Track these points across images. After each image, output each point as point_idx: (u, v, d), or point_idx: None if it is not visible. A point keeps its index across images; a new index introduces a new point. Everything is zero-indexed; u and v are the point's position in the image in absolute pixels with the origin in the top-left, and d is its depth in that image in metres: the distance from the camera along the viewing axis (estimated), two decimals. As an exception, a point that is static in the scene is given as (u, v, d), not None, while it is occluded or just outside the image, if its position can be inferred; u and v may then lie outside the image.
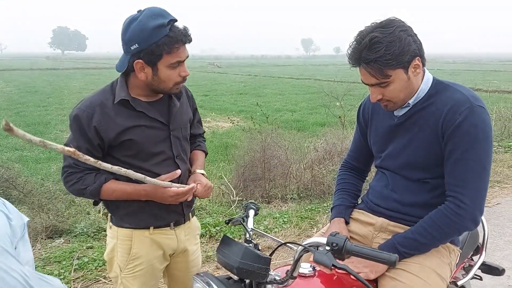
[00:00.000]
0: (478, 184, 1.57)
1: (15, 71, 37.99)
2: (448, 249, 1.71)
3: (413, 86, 1.62)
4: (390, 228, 1.75)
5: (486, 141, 1.56)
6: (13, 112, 14.00)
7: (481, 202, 1.59)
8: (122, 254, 1.87)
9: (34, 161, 7.99)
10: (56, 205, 4.42)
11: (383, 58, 1.51)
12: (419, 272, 1.60)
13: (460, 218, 1.57)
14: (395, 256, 1.24)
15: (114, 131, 1.72)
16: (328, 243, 1.29)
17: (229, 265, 1.39)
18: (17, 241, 2.01)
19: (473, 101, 1.57)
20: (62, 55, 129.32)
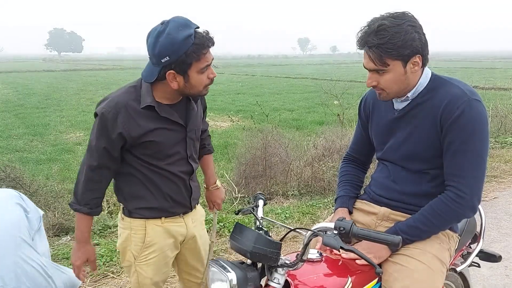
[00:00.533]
0: (476, 173, 1.65)
1: (12, 73, 37.91)
2: (447, 235, 1.79)
3: (408, 81, 1.69)
4: (392, 217, 1.84)
5: (483, 133, 1.64)
6: (12, 114, 14.02)
7: (479, 191, 1.68)
8: (136, 243, 1.97)
9: (35, 162, 8.03)
10: (62, 203, 4.49)
11: (385, 46, 1.58)
12: (421, 257, 1.69)
13: (459, 206, 1.66)
14: (399, 237, 1.33)
15: (137, 132, 1.81)
16: (336, 227, 1.38)
17: (242, 250, 1.47)
18: (34, 233, 2.12)
19: (470, 95, 1.65)
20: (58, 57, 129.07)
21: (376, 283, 1.72)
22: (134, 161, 1.90)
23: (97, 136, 1.82)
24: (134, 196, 1.95)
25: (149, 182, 1.93)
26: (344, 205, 1.96)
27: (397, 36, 1.57)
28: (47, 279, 1.99)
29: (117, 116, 1.79)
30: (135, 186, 1.94)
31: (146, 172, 1.91)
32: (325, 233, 1.43)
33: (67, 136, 10.64)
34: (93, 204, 1.90)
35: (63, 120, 12.83)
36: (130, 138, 1.82)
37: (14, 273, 1.89)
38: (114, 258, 3.61)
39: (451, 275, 2.30)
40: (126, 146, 1.86)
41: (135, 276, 2.02)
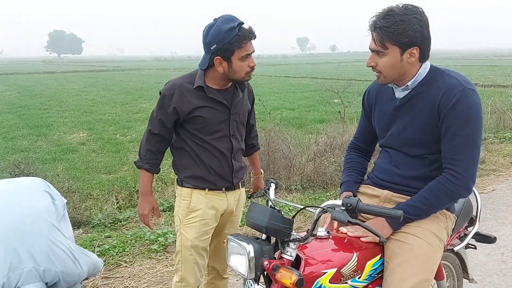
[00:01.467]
0: (471, 156, 1.80)
1: (13, 75, 38.02)
2: (445, 215, 1.94)
3: (404, 70, 1.83)
4: (394, 199, 1.98)
5: (477, 119, 1.78)
6: (15, 115, 14.15)
7: (473, 172, 1.82)
8: (183, 208, 2.33)
9: (40, 162, 8.14)
10: (73, 198, 4.64)
11: (387, 29, 1.73)
12: (420, 234, 1.83)
13: (455, 186, 1.80)
14: (400, 211, 1.48)
15: (188, 107, 2.19)
16: (344, 203, 1.53)
17: (258, 226, 1.62)
18: (60, 219, 2.25)
19: (465, 84, 1.79)
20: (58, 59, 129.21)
21: (380, 259, 1.87)
22: (185, 136, 2.28)
23: (157, 109, 2.25)
24: (184, 167, 2.32)
25: (196, 155, 2.28)
26: (349, 189, 2.10)
27: (400, 24, 1.71)
28: (74, 261, 2.11)
29: (173, 95, 2.19)
30: (185, 159, 2.31)
31: (194, 146, 2.27)
32: (333, 209, 1.58)
33: (71, 136, 10.77)
34: (153, 163, 2.31)
35: (66, 121, 12.97)
36: (182, 112, 2.19)
37: (46, 255, 2.00)
38: (126, 249, 3.76)
39: (449, 256, 2.45)
40: (179, 121, 2.24)
41: (179, 238, 2.34)
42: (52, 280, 2.01)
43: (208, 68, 2.19)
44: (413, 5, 1.77)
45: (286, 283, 1.52)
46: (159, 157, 2.35)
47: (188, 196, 2.32)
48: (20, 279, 1.91)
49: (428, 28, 1.79)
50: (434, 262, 1.85)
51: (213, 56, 2.12)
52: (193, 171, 2.31)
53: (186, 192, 2.33)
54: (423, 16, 1.77)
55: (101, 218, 4.51)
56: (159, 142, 2.30)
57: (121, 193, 5.48)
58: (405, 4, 1.77)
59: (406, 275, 1.76)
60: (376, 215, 1.56)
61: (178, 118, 2.23)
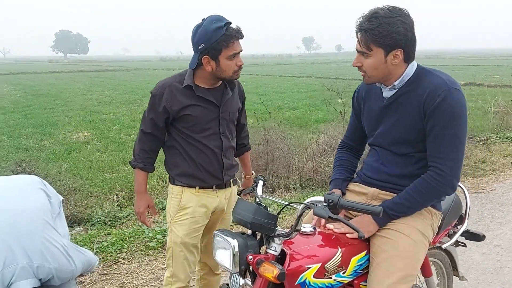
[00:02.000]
0: (455, 155, 1.82)
1: (19, 75, 38.32)
2: (430, 212, 1.97)
3: (389, 71, 1.86)
4: (381, 196, 2.01)
5: (461, 118, 1.81)
6: (21, 114, 14.28)
7: (458, 171, 1.85)
8: (173, 206, 2.38)
9: (45, 161, 8.22)
10: (74, 196, 4.70)
11: (371, 32, 1.76)
12: (405, 231, 1.86)
13: (439, 184, 1.83)
14: (380, 208, 1.51)
15: (177, 106, 2.25)
16: (325, 200, 1.57)
17: (243, 221, 1.66)
18: (55, 216, 2.30)
19: (450, 84, 1.82)
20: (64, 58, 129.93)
21: (365, 255, 1.90)
22: (176, 134, 2.33)
23: (148, 109, 2.31)
24: (175, 165, 2.37)
25: (186, 154, 2.32)
26: (337, 187, 2.13)
27: (384, 26, 1.75)
28: (68, 258, 2.15)
29: (163, 94, 2.25)
30: (176, 157, 2.36)
31: (184, 144, 2.32)
32: (315, 205, 1.62)
33: (75, 135, 10.85)
34: (146, 162, 2.36)
35: (71, 120, 13.06)
36: (172, 111, 2.25)
37: (40, 252, 2.06)
38: (125, 246, 3.82)
39: (438, 253, 2.48)
40: (170, 119, 2.29)
41: (170, 235, 2.39)
42: (46, 276, 2.06)
43: (197, 67, 2.25)
44: (398, 8, 1.80)
45: (269, 276, 1.56)
46: (152, 156, 2.40)
47: (179, 194, 2.37)
48: (14, 275, 1.96)
49: (413, 30, 1.82)
50: (418, 258, 1.89)
51: (201, 55, 2.17)
52: (183, 169, 2.35)
53: (177, 190, 2.38)
54: (407, 18, 1.79)
55: (101, 216, 4.57)
56: (152, 141, 2.35)
57: (122, 192, 5.54)
58: (391, 6, 1.80)
59: (390, 270, 1.79)
60: (357, 211, 1.59)
61: (168, 117, 2.28)
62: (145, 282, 3.33)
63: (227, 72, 2.22)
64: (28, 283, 1.99)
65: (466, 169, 6.32)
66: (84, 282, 3.30)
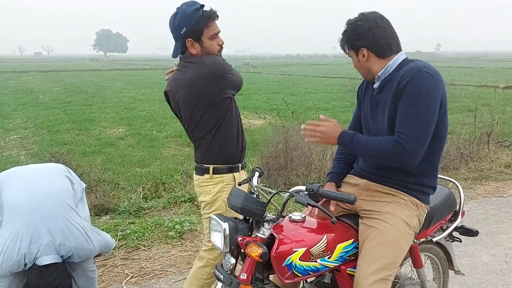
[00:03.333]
0: (418, 133, 1.88)
1: (61, 72, 39.90)
2: (416, 204, 2.08)
3: (367, 67, 2.05)
4: (372, 187, 2.15)
5: (427, 98, 1.88)
6: (61, 110, 14.95)
7: (420, 147, 1.90)
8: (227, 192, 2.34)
9: (80, 155, 8.63)
10: (103, 187, 5.02)
11: (344, 37, 2.07)
12: (391, 221, 2.00)
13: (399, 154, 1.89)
14: (353, 196, 1.67)
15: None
16: (306, 189, 1.75)
17: (235, 207, 1.86)
18: (77, 201, 2.58)
19: (423, 68, 1.91)
20: (104, 57, 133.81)
21: (352, 243, 2.06)
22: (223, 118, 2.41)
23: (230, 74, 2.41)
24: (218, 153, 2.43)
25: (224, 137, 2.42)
26: (333, 180, 2.29)
27: (349, 31, 2.02)
28: (87, 239, 2.41)
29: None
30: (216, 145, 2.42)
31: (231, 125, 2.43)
32: (298, 193, 1.80)
33: (111, 131, 11.31)
34: None
35: (107, 117, 13.57)
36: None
37: (62, 231, 2.32)
38: (146, 234, 4.08)
39: (433, 248, 2.59)
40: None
41: None
42: (67, 253, 2.32)
43: (183, 54, 2.38)
44: (367, 12, 2.01)
45: (253, 255, 1.76)
46: None
47: (232, 180, 2.47)
48: (39, 251, 2.23)
49: (380, 29, 1.97)
50: (402, 246, 2.02)
51: (185, 39, 2.31)
52: (228, 154, 2.45)
53: (229, 177, 2.46)
54: (377, 21, 1.98)
55: (126, 206, 4.87)
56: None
57: (148, 184, 5.84)
58: (361, 13, 2.02)
59: (375, 257, 1.94)
60: (333, 199, 1.76)
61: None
62: (162, 268, 3.58)
63: (212, 52, 2.35)
64: (51, 258, 2.26)
65: (489, 173, 6.28)
66: (107, 265, 3.59)
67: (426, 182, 2.08)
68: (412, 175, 2.05)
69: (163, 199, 5.25)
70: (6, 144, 9.58)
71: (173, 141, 9.68)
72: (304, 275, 1.92)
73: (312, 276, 1.98)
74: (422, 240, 2.43)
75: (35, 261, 2.24)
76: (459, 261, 3.56)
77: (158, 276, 3.47)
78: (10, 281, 2.29)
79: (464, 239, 2.73)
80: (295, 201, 1.76)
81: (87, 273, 2.49)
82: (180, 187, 5.68)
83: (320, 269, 1.96)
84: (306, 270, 1.91)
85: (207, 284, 2.53)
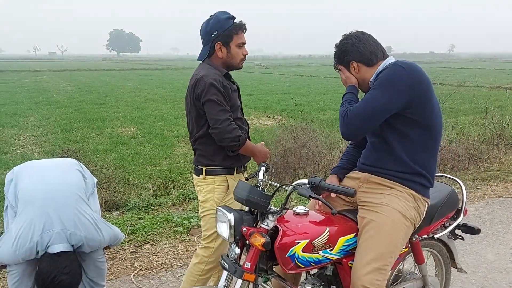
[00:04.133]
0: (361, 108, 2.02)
1: (75, 72, 40.39)
2: (413, 196, 2.13)
3: (361, 78, 2.21)
4: (371, 180, 2.21)
5: (388, 86, 1.99)
6: (74, 109, 15.16)
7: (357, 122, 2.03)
8: (219, 193, 2.62)
9: (92, 152, 8.77)
10: (113, 183, 5.13)
11: (335, 56, 2.28)
12: (387, 213, 2.05)
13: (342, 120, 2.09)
14: (353, 189, 1.73)
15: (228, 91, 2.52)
16: (309, 182, 1.81)
17: (240, 199, 1.93)
18: (89, 194, 2.66)
19: (398, 62, 2.06)
20: (117, 57, 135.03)
21: (354, 236, 2.11)
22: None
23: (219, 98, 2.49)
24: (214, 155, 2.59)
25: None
26: (335, 173, 2.38)
27: (339, 51, 2.23)
28: (97, 230, 2.49)
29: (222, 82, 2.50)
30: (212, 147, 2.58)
31: None
32: (300, 186, 1.86)
33: (122, 130, 11.45)
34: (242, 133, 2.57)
35: (119, 116, 13.73)
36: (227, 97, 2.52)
37: (73, 221, 2.41)
38: (154, 229, 4.18)
39: (436, 245, 2.63)
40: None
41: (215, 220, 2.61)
42: (77, 243, 2.40)
43: (208, 57, 2.57)
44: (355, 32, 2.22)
45: (256, 244, 1.82)
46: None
47: (224, 181, 2.63)
48: (51, 239, 2.32)
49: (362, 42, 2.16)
50: (398, 237, 2.07)
51: (214, 43, 2.51)
52: (221, 158, 2.60)
53: (220, 178, 2.62)
54: (356, 37, 2.17)
55: (136, 202, 4.97)
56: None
57: (158, 182, 5.94)
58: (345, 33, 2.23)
59: (371, 247, 2.00)
60: (334, 192, 1.83)
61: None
62: (170, 262, 3.66)
63: (236, 59, 2.57)
64: (62, 247, 2.34)
65: (497, 174, 6.27)
66: (116, 259, 3.68)
67: (422, 173, 2.14)
68: (407, 165, 2.11)
69: (172, 196, 5.34)
70: (21, 142, 9.77)
71: (183, 140, 9.78)
72: (307, 266, 1.98)
73: (314, 267, 2.03)
74: (424, 236, 2.48)
75: (47, 249, 2.32)
76: (463, 259, 3.60)
77: (166, 269, 3.55)
78: (24, 268, 2.38)
79: (470, 238, 2.77)
80: (297, 194, 1.82)
81: (97, 264, 2.58)
82: (189, 184, 5.77)
83: (322, 261, 2.01)
84: (308, 262, 1.97)
85: (201, 280, 2.67)
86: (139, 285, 3.32)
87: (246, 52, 2.60)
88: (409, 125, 2.06)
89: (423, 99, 2.03)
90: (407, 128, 2.07)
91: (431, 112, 2.07)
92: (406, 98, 1.99)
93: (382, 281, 1.99)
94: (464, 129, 8.74)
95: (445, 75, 23.49)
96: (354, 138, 2.14)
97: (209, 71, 2.52)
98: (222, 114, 2.47)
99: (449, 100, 8.39)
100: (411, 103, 2.00)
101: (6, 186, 2.51)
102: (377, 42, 2.22)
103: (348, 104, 2.13)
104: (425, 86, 2.03)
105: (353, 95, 2.19)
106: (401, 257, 2.36)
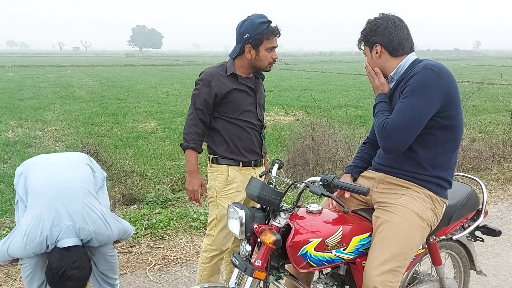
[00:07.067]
0: (402, 121, 1.93)
1: (97, 67, 40.99)
2: (431, 197, 2.07)
3: (380, 64, 2.11)
4: (387, 180, 2.16)
5: (422, 91, 1.91)
6: (96, 103, 15.37)
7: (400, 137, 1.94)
8: (220, 182, 2.69)
9: (113, 147, 8.87)
10: (131, 177, 5.17)
11: (362, 34, 2.16)
12: (402, 213, 2.00)
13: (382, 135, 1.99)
14: (367, 187, 1.69)
15: (224, 90, 2.59)
16: (321, 179, 1.78)
17: (252, 196, 1.90)
18: (98, 189, 2.67)
19: (427, 65, 1.96)
20: (140, 53, 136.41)
21: (369, 236, 2.07)
22: (219, 118, 2.64)
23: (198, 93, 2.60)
24: (219, 145, 2.67)
25: (229, 134, 2.64)
26: (348, 171, 2.33)
27: (369, 28, 2.11)
28: (106, 224, 2.49)
29: (211, 80, 2.58)
30: (219, 138, 2.66)
31: (228, 126, 2.63)
32: (313, 184, 1.82)
33: (143, 125, 11.55)
34: (198, 143, 2.63)
35: (140, 111, 13.86)
36: (220, 94, 2.57)
37: (82, 216, 2.41)
38: (171, 224, 4.20)
39: (454, 246, 2.56)
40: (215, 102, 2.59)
41: (215, 208, 2.71)
42: (86, 237, 2.41)
43: (238, 56, 2.61)
44: (387, 14, 2.11)
45: (267, 242, 1.79)
46: (202, 139, 2.68)
47: (225, 171, 2.68)
48: (60, 233, 2.33)
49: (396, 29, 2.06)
50: (413, 238, 2.01)
51: (244, 44, 2.54)
52: (228, 148, 2.66)
53: (223, 168, 2.68)
54: (394, 21, 2.06)
55: (153, 197, 5.00)
56: (202, 123, 2.63)
57: (175, 176, 5.97)
58: (382, 13, 2.11)
59: (384, 248, 1.95)
60: (347, 190, 1.79)
61: (215, 100, 2.60)
62: (185, 257, 3.67)
63: (264, 62, 2.59)
64: (71, 241, 2.35)
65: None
66: (132, 252, 3.71)
67: (440, 175, 2.07)
68: (426, 167, 2.05)
69: (189, 191, 5.34)
70: (44, 135, 9.95)
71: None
72: (319, 265, 1.95)
73: (327, 266, 2.00)
74: (442, 237, 2.41)
75: (57, 244, 2.34)
76: (484, 261, 3.51)
77: (181, 264, 3.56)
78: (36, 261, 2.40)
79: (491, 240, 2.69)
80: (309, 191, 1.79)
81: (107, 258, 2.59)
82: (206, 179, 5.77)
83: (335, 260, 1.98)
84: (321, 261, 1.93)
85: (207, 269, 2.73)
86: (154, 279, 3.34)
87: (276, 56, 2.61)
88: (434, 127, 1.99)
89: (454, 104, 1.98)
90: (431, 130, 2.00)
91: (458, 113, 2.01)
92: (440, 103, 1.93)
93: (395, 283, 1.94)
94: (488, 128, 8.52)
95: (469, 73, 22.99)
96: (397, 152, 2.02)
97: (215, 68, 2.65)
98: (190, 110, 2.63)
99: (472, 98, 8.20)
100: (443, 108, 1.95)
101: (16, 179, 2.54)
102: (409, 34, 2.12)
103: (383, 115, 2.03)
104: (457, 90, 1.99)
105: (386, 105, 2.09)
106: (417, 258, 2.31)
